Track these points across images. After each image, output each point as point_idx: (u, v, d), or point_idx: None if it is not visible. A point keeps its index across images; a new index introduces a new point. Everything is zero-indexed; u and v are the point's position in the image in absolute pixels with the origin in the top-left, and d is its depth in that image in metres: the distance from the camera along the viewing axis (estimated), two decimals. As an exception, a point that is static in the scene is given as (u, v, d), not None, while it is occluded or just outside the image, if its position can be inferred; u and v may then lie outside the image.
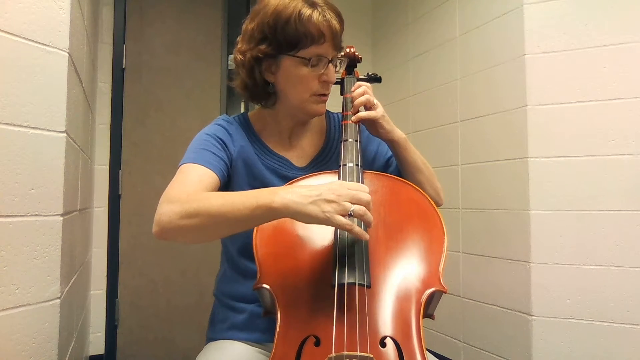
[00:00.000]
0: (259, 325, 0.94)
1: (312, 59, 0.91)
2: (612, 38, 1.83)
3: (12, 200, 1.06)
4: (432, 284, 0.79)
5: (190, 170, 0.89)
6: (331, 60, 0.93)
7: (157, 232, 0.79)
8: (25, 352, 1.07)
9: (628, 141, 1.79)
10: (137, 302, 2.58)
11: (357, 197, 0.73)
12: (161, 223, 0.78)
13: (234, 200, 0.76)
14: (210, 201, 0.77)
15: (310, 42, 0.89)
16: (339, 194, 0.72)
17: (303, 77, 0.93)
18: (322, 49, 0.91)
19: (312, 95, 0.95)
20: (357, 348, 0.70)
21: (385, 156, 1.10)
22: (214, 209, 0.76)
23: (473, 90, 2.26)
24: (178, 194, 0.82)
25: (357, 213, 0.72)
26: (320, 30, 0.89)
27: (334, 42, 0.92)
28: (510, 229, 2.02)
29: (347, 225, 0.72)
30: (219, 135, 0.98)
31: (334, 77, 0.94)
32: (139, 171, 2.62)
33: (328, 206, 0.71)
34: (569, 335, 1.84)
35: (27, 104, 1.09)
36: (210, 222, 0.76)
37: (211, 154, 0.93)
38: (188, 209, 0.77)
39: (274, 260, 0.83)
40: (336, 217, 0.71)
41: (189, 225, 0.76)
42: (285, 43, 0.90)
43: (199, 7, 2.82)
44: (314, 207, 0.71)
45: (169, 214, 0.78)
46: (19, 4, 1.08)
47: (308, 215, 0.72)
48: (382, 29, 3.08)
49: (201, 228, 0.77)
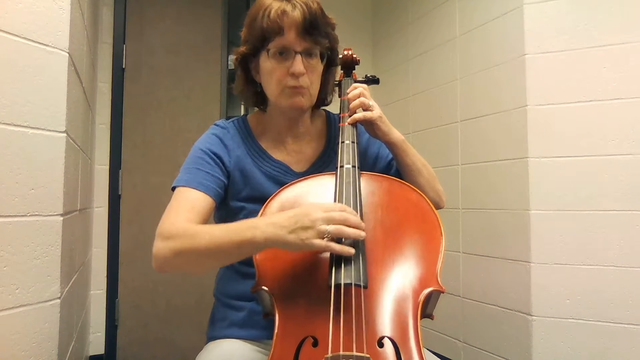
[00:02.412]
0: (258, 322, 0.94)
1: (271, 50, 0.92)
2: (612, 38, 1.83)
3: (12, 200, 1.06)
4: (429, 283, 0.79)
5: (183, 196, 0.91)
6: (300, 52, 0.92)
7: (156, 267, 0.85)
8: (25, 352, 1.07)
9: (628, 141, 1.79)
10: (137, 302, 2.58)
11: (330, 218, 0.75)
12: (158, 261, 0.84)
13: (219, 237, 0.80)
14: (198, 239, 0.81)
15: (273, 34, 0.91)
16: (314, 218, 0.75)
17: (272, 70, 0.94)
18: (285, 40, 0.91)
19: (285, 88, 0.94)
20: (354, 348, 0.70)
21: (386, 158, 1.09)
22: (202, 248, 0.80)
23: (473, 90, 2.26)
24: (170, 228, 0.85)
25: (334, 234, 0.74)
26: (277, 22, 0.90)
27: (297, 32, 0.91)
28: (510, 229, 2.02)
29: (327, 247, 0.75)
30: (213, 149, 0.97)
31: (300, 68, 0.92)
32: (139, 171, 2.62)
33: (305, 233, 0.74)
34: (569, 335, 1.85)
35: (27, 104, 1.09)
36: (200, 260, 0.83)
37: (205, 173, 0.94)
38: (180, 247, 0.81)
39: (271, 262, 0.83)
40: (315, 242, 0.74)
41: (181, 263, 0.83)
42: (256, 40, 0.93)
43: (199, 7, 2.82)
44: (293, 236, 0.74)
45: (163, 252, 0.83)
46: (19, 4, 1.08)
47: (289, 244, 0.75)
48: (382, 29, 3.08)
49: (192, 264, 0.85)
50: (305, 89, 0.95)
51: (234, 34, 2.91)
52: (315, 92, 0.99)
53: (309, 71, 0.94)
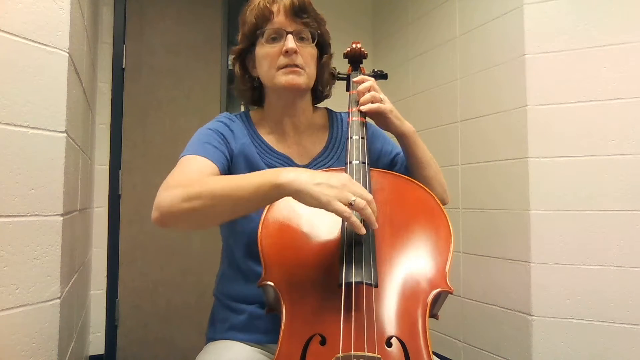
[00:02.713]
0: (258, 327, 0.94)
1: (265, 33, 0.95)
2: (612, 38, 1.83)
3: (12, 200, 1.06)
4: (438, 284, 0.79)
5: (190, 161, 0.90)
6: (291, 32, 0.95)
7: (157, 217, 0.78)
8: (25, 352, 1.07)
9: (628, 141, 1.79)
10: (137, 302, 2.58)
11: (360, 192, 0.73)
12: (161, 208, 0.77)
13: (237, 179, 0.77)
14: (213, 183, 0.78)
15: (263, 22, 0.95)
16: (344, 184, 0.73)
17: (266, 55, 0.96)
18: (275, 23, 0.95)
19: (279, 69, 0.95)
20: (365, 348, 0.70)
21: (389, 155, 1.09)
22: (218, 189, 0.76)
23: (473, 90, 2.26)
24: (178, 179, 0.82)
25: (358, 205, 0.71)
26: (267, 7, 0.94)
27: (286, 14, 0.94)
28: (510, 229, 2.02)
29: (346, 212, 0.70)
30: (220, 130, 0.99)
31: (292, 44, 0.93)
32: (139, 171, 2.62)
33: (331, 191, 0.71)
34: (569, 335, 1.84)
35: (27, 104, 1.09)
36: (214, 203, 0.75)
37: (212, 147, 0.94)
38: (190, 191, 0.76)
39: (279, 256, 0.82)
40: (336, 203, 0.70)
41: (191, 208, 0.76)
42: (249, 34, 0.98)
43: (199, 7, 2.82)
44: (317, 188, 0.71)
45: (170, 197, 0.77)
46: (19, 4, 1.08)
47: (310, 195, 0.71)
48: (382, 28, 3.08)
49: (204, 210, 0.76)
50: (300, 68, 0.95)
51: (234, 34, 2.90)
52: (312, 75, 0.99)
53: (302, 52, 0.96)
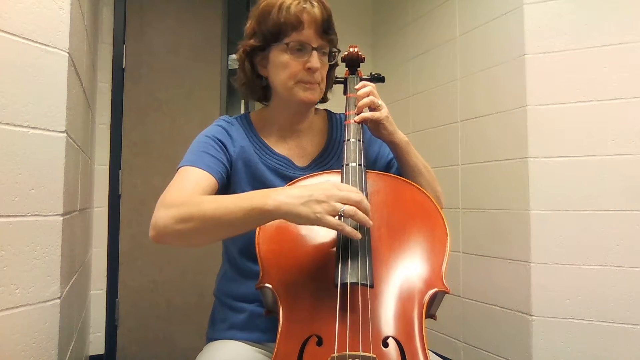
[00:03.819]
0: (258, 325, 0.94)
1: (291, 44, 0.93)
2: (612, 38, 1.83)
3: (12, 200, 1.06)
4: (434, 284, 0.79)
5: (187, 173, 0.90)
6: (316, 48, 0.94)
7: (153, 236, 0.81)
8: (25, 352, 1.07)
9: (628, 141, 1.79)
10: (137, 302, 2.58)
11: (347, 198, 0.74)
12: (157, 227, 0.80)
13: (227, 204, 0.77)
14: (204, 205, 0.79)
15: (290, 29, 0.92)
16: (330, 194, 0.73)
17: (286, 64, 0.95)
18: (303, 35, 0.93)
19: (297, 82, 0.96)
20: (360, 348, 0.70)
21: (386, 158, 1.09)
22: (208, 213, 0.77)
23: (473, 90, 2.26)
24: (174, 198, 0.83)
25: (347, 213, 0.73)
26: (298, 17, 0.92)
27: (315, 29, 0.93)
28: (510, 229, 2.02)
29: (338, 225, 0.72)
30: (218, 137, 0.99)
31: (317, 63, 0.94)
32: (139, 171, 2.62)
33: (319, 207, 0.72)
34: (569, 335, 1.84)
35: (27, 104, 1.09)
36: (205, 226, 0.78)
37: (210, 156, 0.94)
38: (183, 213, 0.78)
39: (276, 259, 0.83)
40: (327, 218, 0.72)
41: (184, 230, 0.78)
42: (269, 34, 0.95)
43: (199, 7, 2.82)
44: (305, 208, 0.72)
45: (164, 218, 0.79)
46: (19, 4, 1.08)
47: (299, 215, 0.73)
48: (382, 29, 3.08)
49: (196, 232, 0.79)
50: (317, 84, 0.97)
51: (234, 34, 2.91)
52: (323, 89, 1.01)
53: (321, 68, 0.96)
